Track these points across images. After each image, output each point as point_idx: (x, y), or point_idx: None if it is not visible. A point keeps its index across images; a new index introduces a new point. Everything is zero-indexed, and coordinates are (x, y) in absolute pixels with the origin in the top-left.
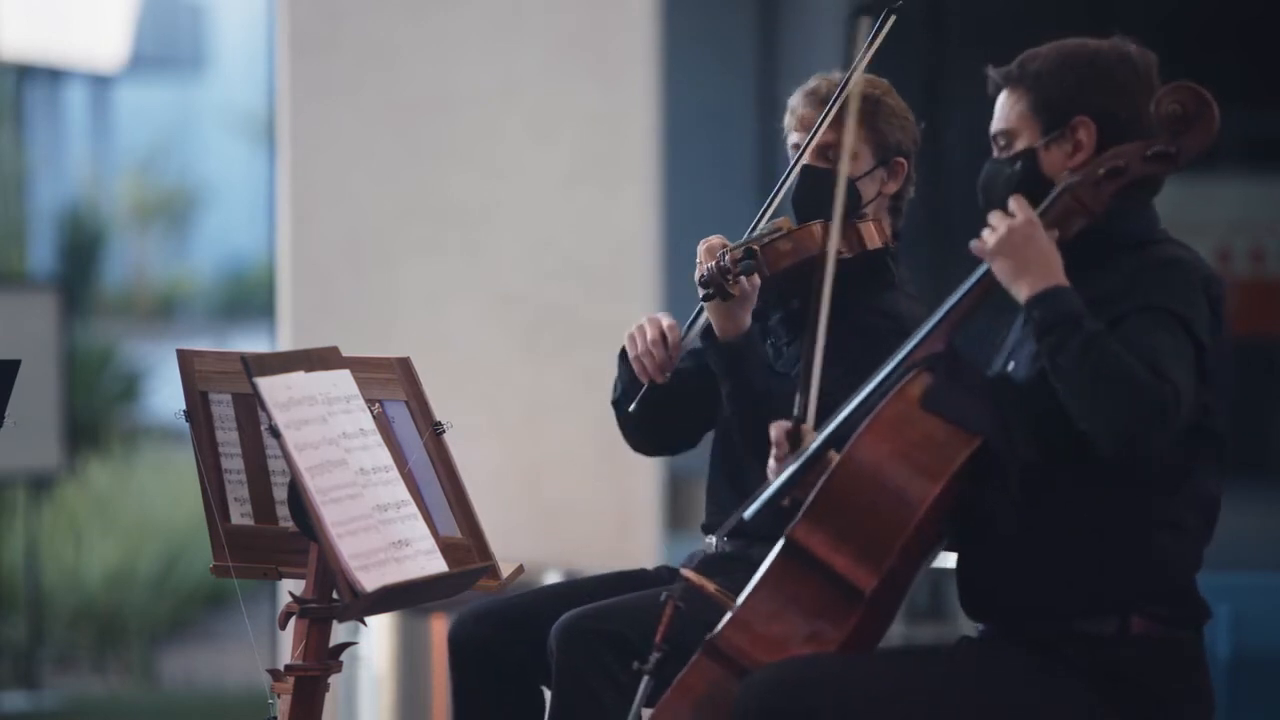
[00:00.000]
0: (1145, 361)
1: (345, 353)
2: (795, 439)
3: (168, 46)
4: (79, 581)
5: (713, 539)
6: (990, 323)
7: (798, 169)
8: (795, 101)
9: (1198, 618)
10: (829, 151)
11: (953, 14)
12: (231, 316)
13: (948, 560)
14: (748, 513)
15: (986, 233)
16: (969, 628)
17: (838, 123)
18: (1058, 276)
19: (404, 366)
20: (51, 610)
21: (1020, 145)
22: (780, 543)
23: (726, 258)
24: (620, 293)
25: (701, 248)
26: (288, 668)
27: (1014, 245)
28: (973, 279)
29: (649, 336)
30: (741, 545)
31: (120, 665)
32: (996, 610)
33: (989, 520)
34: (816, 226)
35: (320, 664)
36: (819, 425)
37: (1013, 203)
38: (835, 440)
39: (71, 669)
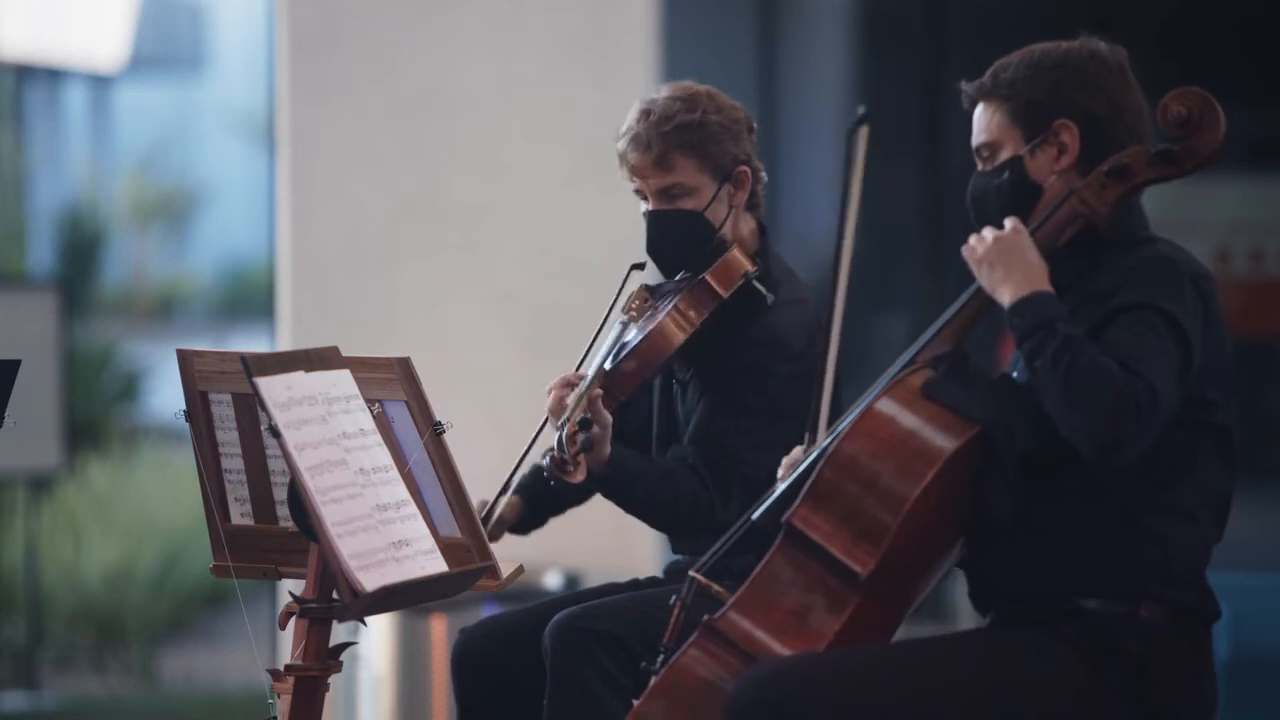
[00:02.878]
0: (1122, 362)
1: (345, 353)
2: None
3: (167, 46)
4: (79, 581)
5: (679, 557)
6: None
7: (645, 216)
8: (622, 148)
9: (1207, 612)
10: (671, 190)
11: (953, 14)
12: (231, 316)
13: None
14: (755, 515)
15: (975, 239)
16: (970, 627)
17: (665, 164)
18: (1040, 283)
19: (404, 366)
20: (51, 610)
21: (1005, 155)
22: (781, 530)
23: (564, 436)
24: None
25: (549, 400)
26: (288, 668)
27: (1000, 254)
28: (975, 286)
29: None
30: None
31: (120, 665)
32: (1001, 596)
33: (985, 509)
34: (666, 324)
35: (320, 664)
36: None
37: (1008, 221)
38: None
39: (71, 669)
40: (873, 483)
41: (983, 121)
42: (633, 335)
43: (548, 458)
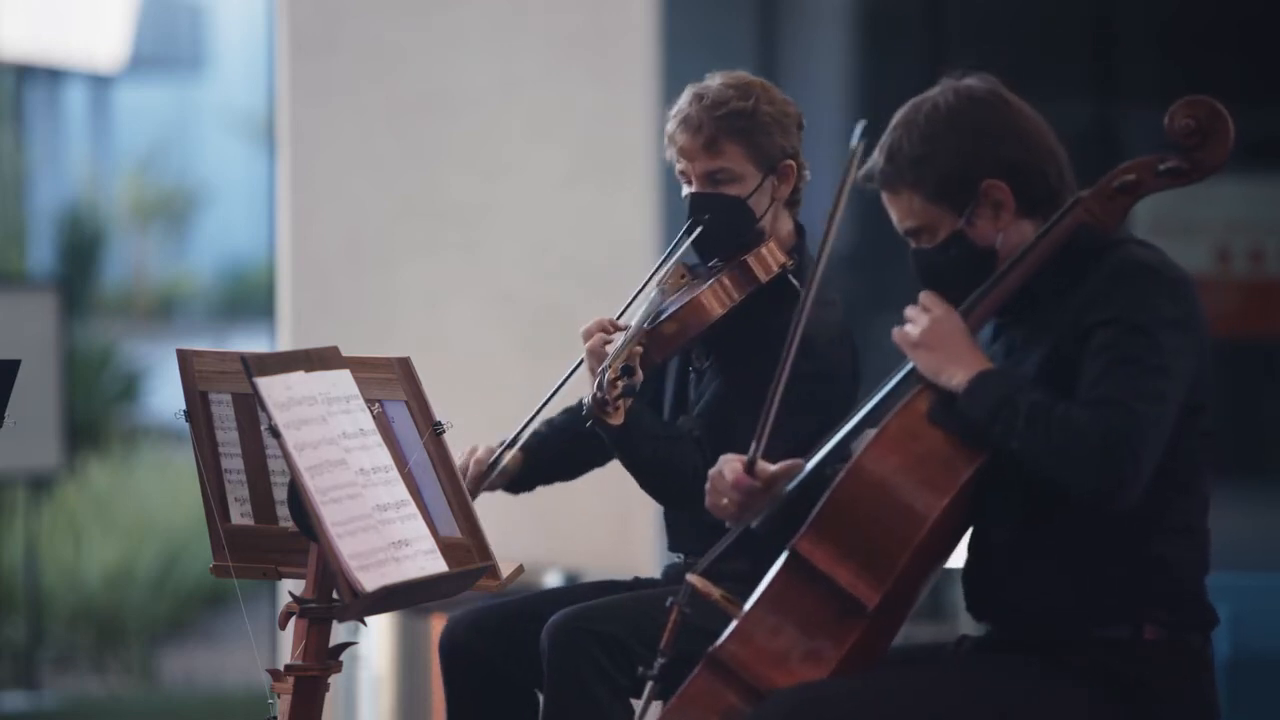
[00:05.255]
0: (1101, 398)
1: (345, 353)
2: (751, 471)
3: (167, 46)
4: (79, 581)
5: (679, 557)
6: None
7: (689, 198)
8: (671, 129)
9: (1206, 622)
10: (716, 175)
11: (953, 14)
12: (231, 316)
13: (952, 560)
14: (755, 523)
15: (910, 326)
16: (968, 628)
17: (714, 148)
18: (981, 362)
19: (404, 366)
20: (51, 610)
21: (943, 233)
22: (784, 555)
23: (605, 379)
24: (620, 293)
25: (585, 344)
26: (288, 668)
27: (938, 338)
28: (991, 281)
29: (460, 460)
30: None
31: (120, 665)
32: (1005, 615)
33: (986, 529)
34: (705, 297)
35: (320, 664)
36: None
37: (924, 297)
38: (840, 455)
39: (71, 669)
40: (882, 513)
41: (903, 208)
42: (670, 303)
43: (588, 399)
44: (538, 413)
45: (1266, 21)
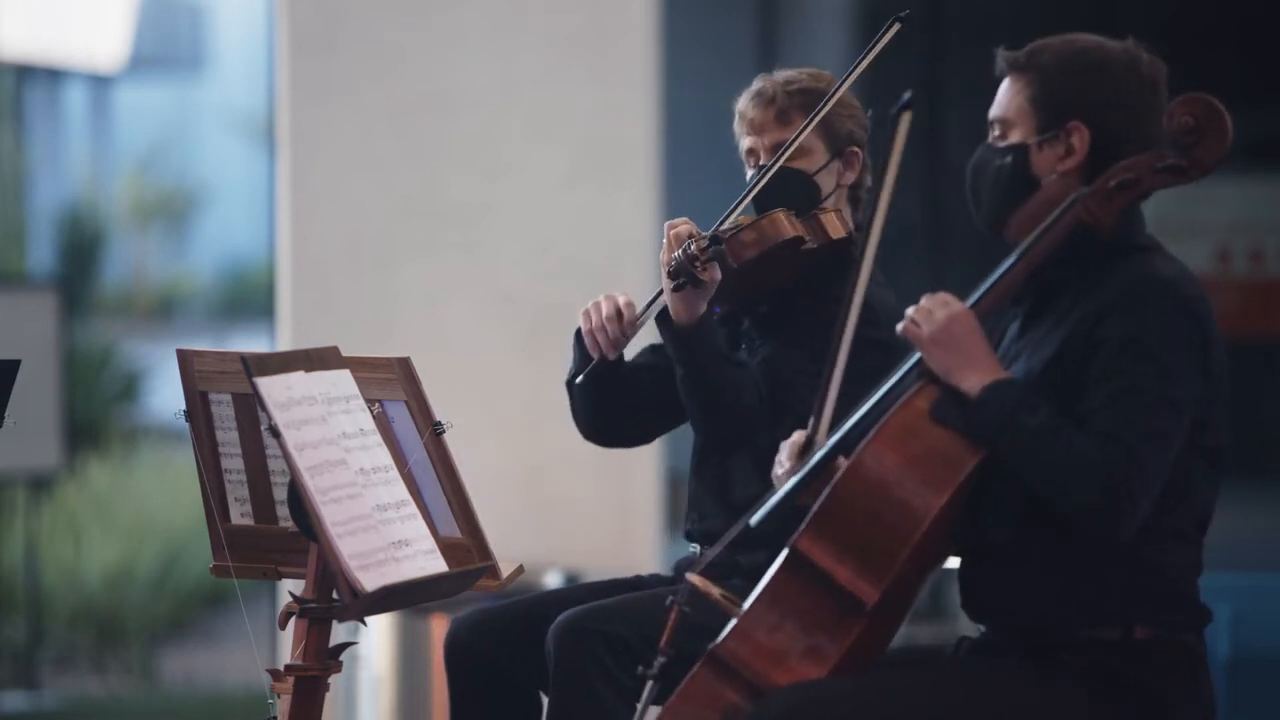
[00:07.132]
0: (1106, 436)
1: (345, 353)
2: (808, 453)
3: (167, 46)
4: (79, 581)
5: (696, 548)
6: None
7: (757, 171)
8: (743, 105)
9: (1199, 622)
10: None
11: (953, 14)
12: (231, 316)
13: (949, 561)
14: (754, 519)
15: (920, 315)
16: (968, 628)
17: (785, 120)
18: (996, 369)
19: (404, 366)
20: (51, 610)
21: (1014, 137)
22: (784, 552)
23: (693, 246)
24: (620, 293)
25: (669, 232)
26: (288, 668)
27: (953, 338)
28: (996, 274)
29: (604, 312)
30: (724, 554)
31: (120, 665)
32: (1000, 617)
33: (983, 531)
34: (780, 215)
35: (320, 664)
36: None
37: (939, 295)
38: (843, 448)
39: (71, 669)
40: (881, 511)
41: (1006, 95)
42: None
43: (674, 256)
44: (653, 301)
45: (1266, 21)
